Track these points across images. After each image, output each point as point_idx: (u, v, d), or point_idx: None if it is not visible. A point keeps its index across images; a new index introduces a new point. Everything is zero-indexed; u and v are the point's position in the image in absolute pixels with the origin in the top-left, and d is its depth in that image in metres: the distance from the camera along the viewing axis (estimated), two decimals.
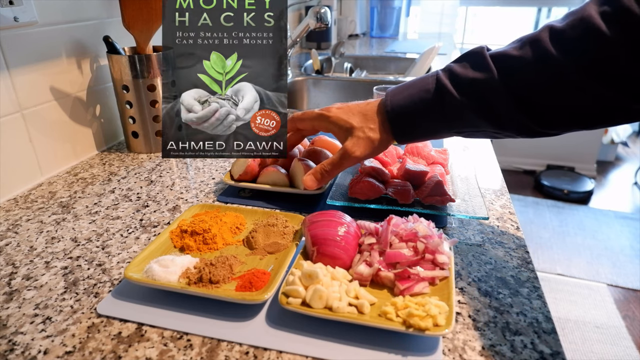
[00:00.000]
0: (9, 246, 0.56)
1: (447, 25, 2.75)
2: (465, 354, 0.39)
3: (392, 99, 0.55)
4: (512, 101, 0.48)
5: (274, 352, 0.40)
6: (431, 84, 0.53)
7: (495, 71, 0.49)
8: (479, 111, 0.50)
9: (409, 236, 0.47)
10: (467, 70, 0.51)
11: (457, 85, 0.51)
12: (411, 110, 0.54)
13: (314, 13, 1.27)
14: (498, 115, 0.50)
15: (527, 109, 0.48)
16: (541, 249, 2.19)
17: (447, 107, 0.52)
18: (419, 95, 0.53)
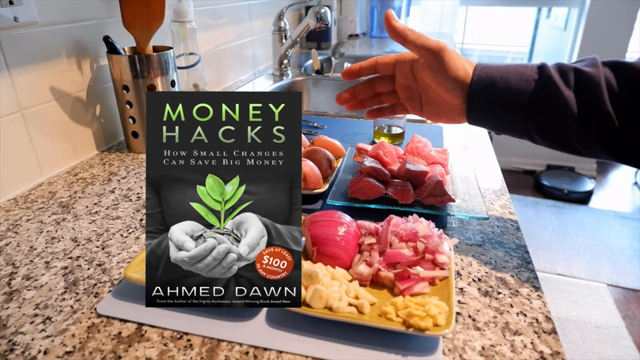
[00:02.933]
0: (9, 246, 0.56)
1: (447, 25, 2.75)
2: (465, 354, 0.39)
3: (482, 68, 0.49)
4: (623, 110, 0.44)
5: (274, 352, 0.40)
6: (532, 74, 0.47)
7: (609, 71, 0.45)
8: (582, 113, 0.45)
9: (409, 236, 0.47)
10: (579, 65, 0.46)
11: (565, 79, 0.46)
12: (501, 84, 0.47)
13: (314, 13, 1.27)
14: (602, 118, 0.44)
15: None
16: (541, 249, 2.19)
17: (545, 98, 0.46)
18: (516, 77, 0.47)
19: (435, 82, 0.51)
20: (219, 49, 1.29)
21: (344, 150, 0.77)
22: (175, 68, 0.86)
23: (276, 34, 1.43)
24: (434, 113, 0.55)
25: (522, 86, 0.47)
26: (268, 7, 1.59)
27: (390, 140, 0.88)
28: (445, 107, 0.53)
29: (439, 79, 0.50)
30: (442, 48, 0.49)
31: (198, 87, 1.02)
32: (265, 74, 1.51)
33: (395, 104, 0.58)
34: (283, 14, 1.43)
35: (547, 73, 0.46)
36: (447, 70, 0.49)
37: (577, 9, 2.79)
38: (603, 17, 2.64)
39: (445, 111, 0.53)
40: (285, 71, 1.46)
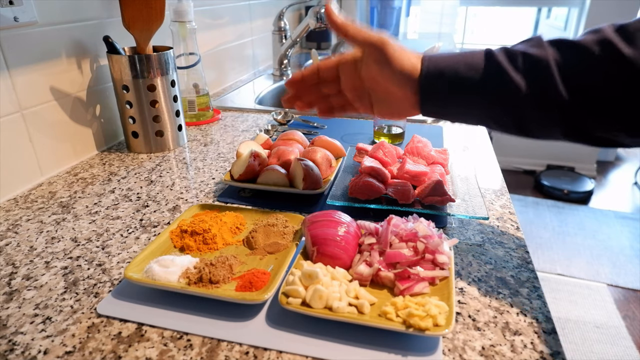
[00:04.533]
0: (9, 246, 0.56)
1: (447, 25, 2.75)
2: (465, 354, 0.39)
3: (430, 60, 0.48)
4: (571, 89, 0.43)
5: (274, 352, 0.40)
6: (479, 60, 0.46)
7: (555, 51, 0.44)
8: (535, 95, 0.44)
9: (409, 236, 0.47)
10: (526, 48, 0.46)
11: (514, 64, 0.45)
12: (451, 75, 0.47)
13: (314, 13, 1.27)
14: (553, 100, 0.44)
15: (584, 99, 0.43)
16: (541, 249, 2.19)
17: (496, 85, 0.45)
18: (465, 67, 0.47)
19: (382, 76, 0.49)
20: (219, 49, 1.29)
21: (344, 150, 0.77)
22: (175, 68, 0.86)
23: (276, 34, 1.43)
24: (385, 110, 0.53)
25: (471, 75, 0.46)
26: (268, 7, 1.59)
27: (390, 140, 0.88)
28: (396, 102, 0.51)
29: (386, 73, 0.49)
30: (385, 42, 0.48)
31: (198, 87, 1.02)
32: (265, 74, 1.51)
33: (345, 104, 0.56)
34: (283, 14, 1.43)
35: (494, 59, 0.46)
36: (392, 64, 0.48)
37: (577, 9, 2.79)
38: (603, 17, 2.63)
39: (396, 106, 0.52)
40: (285, 71, 1.46)
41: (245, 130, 0.99)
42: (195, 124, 1.03)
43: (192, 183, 0.73)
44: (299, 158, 0.66)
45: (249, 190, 0.69)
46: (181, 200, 0.67)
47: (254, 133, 0.97)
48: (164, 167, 0.80)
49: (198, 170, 0.78)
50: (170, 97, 0.85)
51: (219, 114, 1.10)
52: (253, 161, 0.66)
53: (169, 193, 0.70)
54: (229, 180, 0.67)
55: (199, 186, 0.72)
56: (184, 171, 0.78)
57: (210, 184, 0.72)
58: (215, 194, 0.69)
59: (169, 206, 0.66)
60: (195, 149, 0.88)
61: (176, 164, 0.81)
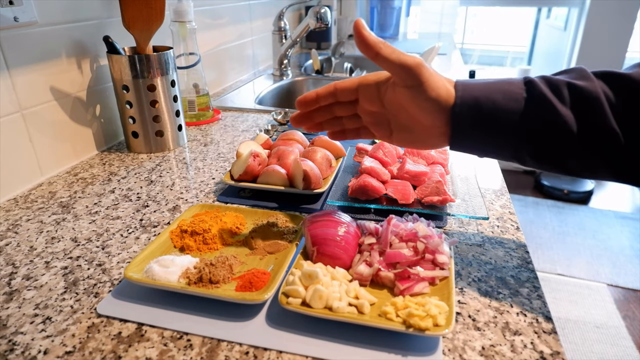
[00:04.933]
0: (9, 246, 0.56)
1: (447, 25, 2.75)
2: (465, 354, 0.39)
3: (464, 88, 0.44)
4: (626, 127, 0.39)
5: (274, 352, 0.40)
6: (519, 91, 0.42)
7: (604, 84, 0.41)
8: (583, 132, 0.41)
9: (409, 236, 0.47)
10: (570, 78, 0.42)
11: (559, 96, 0.41)
12: (488, 106, 0.42)
13: (314, 13, 1.27)
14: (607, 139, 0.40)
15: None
16: (541, 249, 2.19)
17: (539, 119, 0.41)
18: (502, 97, 0.42)
19: (412, 103, 0.44)
20: (219, 49, 1.29)
21: (344, 150, 0.77)
22: (175, 68, 0.86)
23: (276, 34, 1.43)
24: (407, 139, 0.48)
25: (511, 106, 0.42)
26: (268, 7, 1.59)
27: None
28: (422, 131, 0.46)
29: (418, 99, 0.44)
30: (420, 64, 0.43)
31: (198, 87, 1.02)
32: (265, 74, 1.51)
33: (360, 128, 0.52)
34: (283, 14, 1.43)
35: (537, 90, 0.42)
36: (426, 90, 0.43)
37: (577, 9, 2.79)
38: (603, 17, 2.64)
39: (420, 136, 0.47)
40: (285, 71, 1.46)
41: (245, 130, 0.99)
42: (195, 124, 1.03)
43: (192, 183, 0.73)
44: (299, 158, 0.66)
45: (249, 190, 0.69)
46: (181, 200, 0.67)
47: (254, 133, 0.97)
48: (164, 167, 0.80)
49: (198, 170, 0.78)
50: (170, 97, 0.85)
51: (219, 114, 1.10)
52: (253, 161, 0.66)
53: (169, 193, 0.70)
54: (229, 180, 0.67)
55: (199, 186, 0.72)
56: (184, 171, 0.78)
57: (210, 184, 0.72)
58: (215, 194, 0.69)
59: (169, 206, 0.66)
60: (195, 149, 0.88)
61: (176, 164, 0.81)
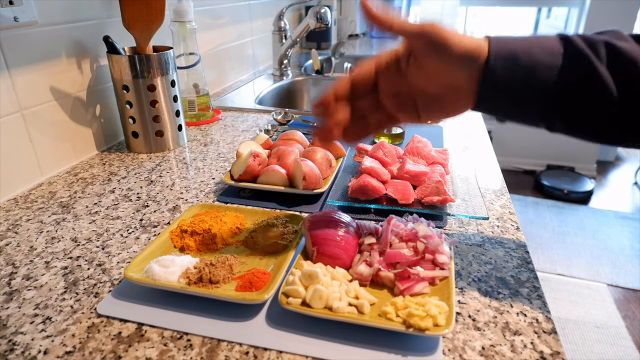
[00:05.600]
0: (9, 246, 0.56)
1: (447, 25, 2.75)
2: (465, 354, 0.39)
3: (498, 41, 0.41)
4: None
5: (274, 352, 0.40)
6: (556, 46, 0.40)
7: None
8: (621, 94, 0.38)
9: (409, 236, 0.47)
10: (608, 38, 0.40)
11: (597, 54, 0.39)
12: (525, 59, 0.39)
13: (314, 13, 1.27)
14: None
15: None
16: (541, 249, 2.19)
17: (578, 74, 0.39)
18: (540, 50, 0.40)
19: (441, 67, 0.42)
20: (219, 49, 1.29)
21: (344, 150, 0.77)
22: (175, 68, 0.86)
23: (276, 34, 1.43)
24: (438, 111, 0.45)
25: (548, 61, 0.39)
26: (268, 7, 1.59)
27: (390, 140, 0.88)
28: (452, 97, 0.43)
29: (446, 61, 0.41)
30: (436, 25, 0.41)
31: (198, 87, 1.02)
32: (265, 74, 1.51)
33: (381, 119, 0.48)
34: (283, 14, 1.43)
35: (575, 46, 0.39)
36: (451, 46, 0.40)
37: (577, 9, 2.79)
38: (603, 17, 2.64)
39: (452, 102, 0.44)
40: (285, 71, 1.46)
41: (245, 130, 0.99)
42: (195, 124, 1.03)
43: (192, 183, 0.73)
44: (299, 158, 0.66)
45: (249, 190, 0.69)
46: (181, 200, 0.67)
47: (254, 133, 0.97)
48: (164, 167, 0.80)
49: (198, 170, 0.78)
50: (170, 97, 0.85)
51: (219, 114, 1.10)
52: (253, 161, 0.66)
53: (169, 193, 0.70)
54: (229, 180, 0.67)
55: (199, 186, 0.72)
56: (184, 171, 0.78)
57: (210, 184, 0.72)
58: (215, 194, 0.69)
59: (169, 206, 0.66)
60: (195, 149, 0.88)
61: (176, 164, 0.81)
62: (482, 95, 0.42)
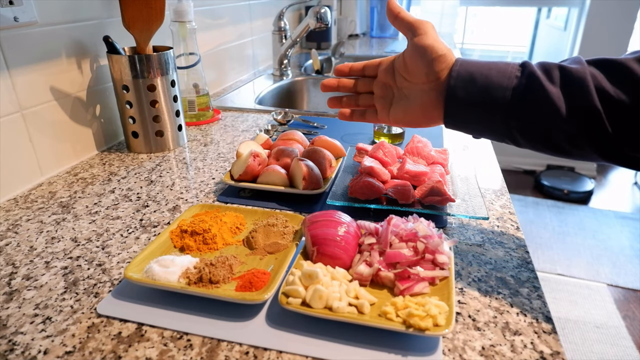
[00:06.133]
0: (9, 246, 0.56)
1: (447, 25, 2.75)
2: (465, 354, 0.39)
3: (461, 63, 0.47)
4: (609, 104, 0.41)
5: (274, 352, 0.40)
6: (514, 70, 0.45)
7: (593, 68, 0.43)
8: (570, 110, 0.43)
9: (409, 236, 0.47)
10: (563, 63, 0.45)
11: (549, 76, 0.44)
12: (481, 80, 0.45)
13: (314, 13, 1.27)
14: (591, 117, 0.42)
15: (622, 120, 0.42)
16: (541, 249, 2.19)
17: (528, 95, 0.44)
18: (497, 73, 0.45)
19: (415, 57, 0.49)
20: (219, 49, 1.29)
21: (344, 150, 0.77)
22: (175, 68, 0.86)
23: (276, 34, 1.43)
24: (403, 110, 0.52)
25: (504, 83, 0.45)
26: (268, 7, 1.59)
27: (390, 140, 0.88)
28: (419, 103, 0.50)
29: (420, 55, 0.48)
30: (426, 24, 0.50)
31: (198, 87, 1.02)
32: (265, 74, 1.51)
33: (366, 111, 0.58)
34: (283, 14, 1.43)
35: (529, 70, 0.44)
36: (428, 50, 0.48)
37: (577, 9, 2.79)
38: (603, 17, 2.64)
39: (416, 107, 0.51)
40: (285, 71, 1.46)
41: (245, 130, 0.99)
42: (195, 124, 1.03)
43: (192, 183, 0.73)
44: (299, 158, 0.66)
45: (249, 190, 0.69)
46: (181, 200, 0.67)
47: (254, 133, 0.97)
48: (164, 167, 0.80)
49: (198, 170, 0.78)
50: (170, 97, 0.85)
51: (219, 114, 1.10)
52: (253, 161, 0.66)
53: (169, 193, 0.70)
54: (229, 180, 0.67)
55: (199, 186, 0.72)
56: (184, 171, 0.78)
57: (210, 184, 0.72)
58: (215, 194, 0.69)
59: (169, 206, 0.66)
60: (195, 149, 0.88)
61: (176, 164, 0.81)
62: (447, 111, 0.48)
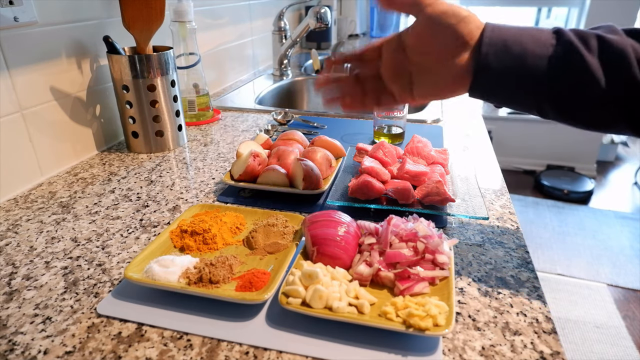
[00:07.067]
0: (9, 246, 0.56)
1: None
2: (465, 354, 0.39)
3: (492, 28, 0.43)
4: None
5: (274, 352, 0.40)
6: (548, 38, 0.42)
7: (634, 40, 0.41)
8: (609, 83, 0.40)
9: (409, 236, 0.47)
10: (600, 32, 0.42)
11: (587, 46, 0.41)
12: (516, 47, 0.42)
13: (314, 13, 1.27)
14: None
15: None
16: (541, 249, 2.19)
17: (567, 65, 0.41)
18: (531, 41, 0.42)
19: (438, 30, 0.44)
20: (219, 49, 1.29)
21: (344, 150, 0.77)
22: (175, 68, 0.86)
23: (276, 34, 1.43)
24: (429, 85, 0.47)
25: (538, 50, 0.41)
26: (268, 7, 1.59)
27: (390, 140, 0.88)
28: (445, 72, 0.45)
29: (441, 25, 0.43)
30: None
31: (198, 87, 1.02)
32: (265, 74, 1.51)
33: (378, 90, 0.51)
34: (283, 14, 1.43)
35: (566, 37, 0.41)
36: (451, 12, 0.43)
37: (577, 9, 2.79)
38: (603, 17, 2.63)
39: (444, 79, 0.46)
40: (285, 71, 1.46)
41: (245, 130, 0.99)
42: (195, 124, 1.03)
43: (192, 183, 0.73)
44: (299, 158, 0.66)
45: (249, 190, 0.69)
46: (181, 200, 0.67)
47: (254, 133, 0.97)
48: (164, 167, 0.80)
49: (198, 170, 0.78)
50: (170, 97, 0.85)
51: (219, 114, 1.10)
52: (253, 161, 0.66)
53: (169, 193, 0.70)
54: (229, 180, 0.67)
55: (199, 186, 0.72)
56: (184, 171, 0.78)
57: (210, 184, 0.72)
58: (215, 194, 0.69)
59: (169, 206, 0.66)
60: (195, 149, 0.88)
61: (176, 164, 0.81)
62: (475, 80, 0.44)
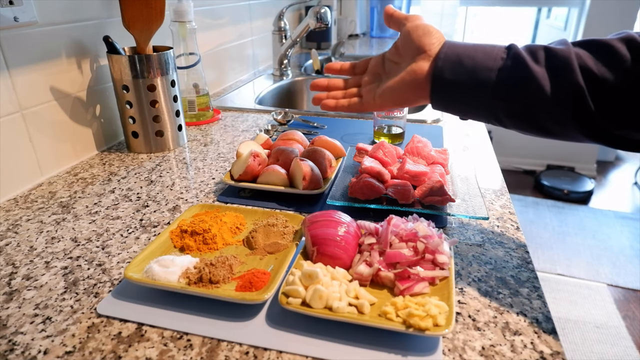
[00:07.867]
0: (9, 246, 0.56)
1: (447, 25, 2.75)
2: (465, 354, 0.39)
3: (449, 45, 0.48)
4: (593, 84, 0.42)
5: (274, 352, 0.40)
6: (499, 52, 0.46)
7: (578, 48, 0.44)
8: (554, 89, 0.43)
9: (409, 236, 0.47)
10: (548, 44, 0.45)
11: (534, 57, 0.44)
12: (468, 61, 0.46)
13: (314, 13, 1.27)
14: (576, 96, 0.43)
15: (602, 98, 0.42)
16: (541, 249, 2.19)
17: (513, 75, 0.44)
18: (483, 55, 0.46)
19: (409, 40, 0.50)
20: (219, 49, 1.29)
21: (344, 150, 0.77)
22: (175, 68, 0.86)
23: (276, 34, 1.43)
24: (390, 91, 0.52)
25: (489, 64, 0.45)
26: (268, 7, 1.59)
27: (390, 140, 0.88)
28: (404, 83, 0.50)
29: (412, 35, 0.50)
30: (415, 17, 0.51)
31: (198, 87, 1.02)
32: (265, 74, 1.51)
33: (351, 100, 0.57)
34: (283, 14, 1.43)
35: (514, 51, 0.45)
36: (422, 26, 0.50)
37: (577, 9, 2.79)
38: (603, 17, 2.63)
39: (402, 88, 0.51)
40: (285, 71, 1.46)
41: (245, 130, 0.99)
42: (195, 124, 1.03)
43: (192, 183, 0.73)
44: (300, 158, 0.66)
45: (249, 190, 0.69)
46: (181, 200, 0.67)
47: (254, 133, 0.97)
48: (164, 167, 0.80)
49: (198, 170, 0.78)
50: (170, 97, 0.85)
51: (219, 114, 1.10)
52: (253, 161, 0.66)
53: (169, 193, 0.70)
54: (229, 180, 0.67)
55: (199, 186, 0.72)
56: (184, 171, 0.78)
57: (210, 184, 0.72)
58: (215, 194, 0.69)
59: (169, 206, 0.66)
60: (195, 149, 0.88)
61: (176, 164, 0.81)
62: (433, 91, 0.49)
